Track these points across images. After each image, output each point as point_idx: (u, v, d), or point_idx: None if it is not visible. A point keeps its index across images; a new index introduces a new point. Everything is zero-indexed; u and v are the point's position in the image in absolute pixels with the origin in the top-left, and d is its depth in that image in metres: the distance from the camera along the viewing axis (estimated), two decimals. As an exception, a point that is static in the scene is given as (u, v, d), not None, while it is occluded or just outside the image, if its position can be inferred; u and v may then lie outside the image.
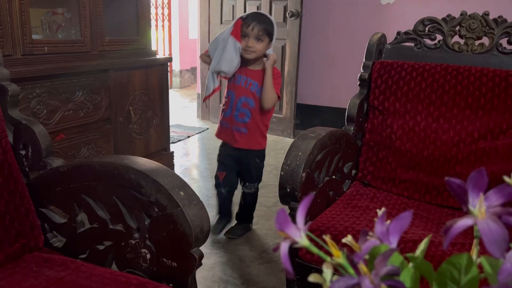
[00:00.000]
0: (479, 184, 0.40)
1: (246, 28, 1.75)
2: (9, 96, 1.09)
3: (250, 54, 1.78)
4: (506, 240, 0.36)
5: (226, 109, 1.89)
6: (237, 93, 1.84)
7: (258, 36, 1.76)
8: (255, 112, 1.85)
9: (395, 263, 0.42)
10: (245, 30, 1.75)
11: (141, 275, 0.95)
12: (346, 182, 1.51)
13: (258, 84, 1.83)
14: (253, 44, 1.77)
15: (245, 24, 1.75)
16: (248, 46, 1.76)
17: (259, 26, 1.75)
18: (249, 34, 1.76)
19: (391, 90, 1.52)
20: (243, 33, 1.75)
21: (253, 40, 1.76)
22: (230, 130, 1.88)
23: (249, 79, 1.83)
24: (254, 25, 1.74)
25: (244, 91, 1.84)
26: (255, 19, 1.76)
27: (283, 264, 0.43)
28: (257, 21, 1.75)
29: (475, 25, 1.47)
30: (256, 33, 1.76)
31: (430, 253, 1.05)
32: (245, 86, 1.83)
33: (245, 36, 1.76)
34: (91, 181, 0.98)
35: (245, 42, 1.76)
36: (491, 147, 1.36)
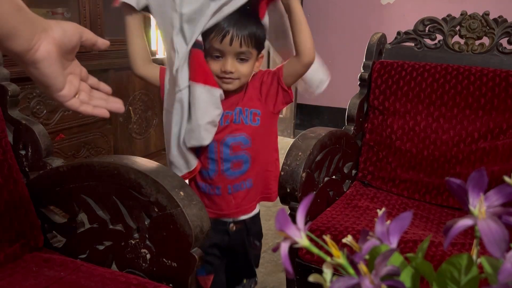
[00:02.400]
0: (479, 184, 0.40)
1: (220, 42, 1.00)
2: (9, 96, 1.09)
3: (231, 83, 1.05)
4: (506, 240, 0.36)
5: (205, 165, 1.13)
6: (218, 136, 1.10)
7: (240, 53, 1.02)
8: (257, 143, 1.13)
9: (395, 263, 0.42)
10: (216, 46, 1.01)
11: (141, 275, 0.95)
12: (346, 182, 1.51)
13: (259, 112, 1.12)
14: (234, 67, 1.03)
15: (215, 36, 1.00)
16: (225, 72, 1.03)
17: (240, 34, 1.00)
18: (225, 52, 1.02)
19: (391, 90, 1.52)
20: (213, 52, 1.03)
21: (233, 60, 1.03)
22: (222, 197, 1.14)
23: (236, 110, 1.11)
24: (231, 36, 1.00)
25: (228, 129, 1.11)
26: (230, 24, 1.00)
27: (283, 264, 0.43)
28: (236, 27, 1.00)
29: (475, 25, 1.47)
30: (237, 49, 1.01)
31: (430, 253, 1.05)
32: (231, 121, 1.11)
33: (218, 55, 1.03)
34: (91, 181, 0.98)
35: (218, 65, 1.03)
36: (491, 147, 1.36)
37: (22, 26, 0.55)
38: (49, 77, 0.59)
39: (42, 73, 0.58)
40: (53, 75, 0.59)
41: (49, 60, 0.58)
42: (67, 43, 0.60)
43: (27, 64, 0.58)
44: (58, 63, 0.59)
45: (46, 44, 0.57)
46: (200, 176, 1.15)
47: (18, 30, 0.55)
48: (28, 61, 0.57)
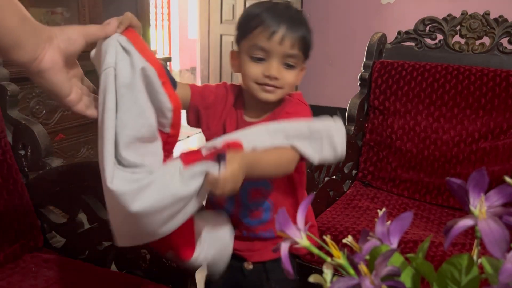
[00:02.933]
0: (480, 184, 0.40)
1: (267, 39, 0.81)
2: (8, 96, 1.09)
3: (273, 93, 0.84)
4: (506, 241, 0.36)
5: (220, 202, 0.92)
6: None
7: (289, 56, 0.83)
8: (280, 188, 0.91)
9: (396, 263, 0.42)
10: (262, 44, 0.82)
11: (140, 275, 0.95)
12: (346, 182, 1.50)
13: None
14: (280, 72, 0.83)
15: (262, 32, 0.81)
16: (269, 77, 0.83)
17: (293, 33, 0.82)
18: (272, 53, 0.82)
19: (392, 90, 1.51)
20: (254, 51, 0.83)
21: (278, 64, 0.83)
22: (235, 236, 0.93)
23: None
24: (283, 33, 0.81)
25: None
26: (281, 20, 0.81)
27: (283, 264, 0.43)
28: (288, 25, 0.81)
29: (476, 24, 1.47)
30: (287, 50, 0.82)
31: (431, 254, 1.05)
32: None
33: (261, 57, 0.83)
34: (91, 181, 0.98)
35: (260, 69, 0.83)
36: (491, 147, 1.36)
37: (26, 36, 0.55)
38: (56, 85, 0.60)
39: (49, 81, 0.59)
40: (60, 83, 0.60)
41: (55, 69, 0.58)
42: (71, 49, 0.60)
43: (33, 74, 0.58)
44: (64, 70, 0.60)
45: (51, 53, 0.57)
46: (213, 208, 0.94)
47: (22, 40, 0.55)
48: (33, 71, 0.58)
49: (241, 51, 0.85)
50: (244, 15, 0.86)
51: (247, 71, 0.84)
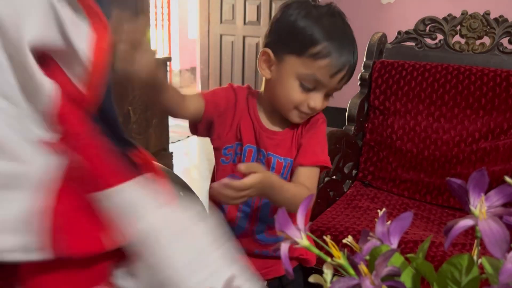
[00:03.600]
0: (480, 184, 0.40)
1: (329, 77, 0.77)
2: (8, 96, 1.08)
3: (304, 119, 0.84)
4: (507, 241, 0.36)
5: (232, 219, 0.88)
6: None
7: (336, 89, 0.82)
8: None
9: (396, 263, 0.42)
10: (320, 78, 0.77)
11: (140, 275, 0.95)
12: (346, 182, 1.50)
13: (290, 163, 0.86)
14: (320, 106, 0.81)
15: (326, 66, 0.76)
16: (313, 109, 0.81)
17: (351, 70, 0.80)
18: (325, 87, 0.79)
19: (392, 89, 1.51)
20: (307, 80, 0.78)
21: (323, 97, 0.81)
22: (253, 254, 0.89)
23: (274, 156, 0.85)
24: (345, 73, 0.78)
25: None
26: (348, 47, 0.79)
27: (283, 264, 0.43)
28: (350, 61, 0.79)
29: (476, 24, 1.47)
30: (339, 86, 0.81)
31: (431, 254, 1.05)
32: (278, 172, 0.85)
33: (312, 87, 0.78)
34: (91, 181, 0.98)
35: (304, 98, 0.79)
36: (492, 147, 1.36)
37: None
38: None
39: None
40: None
41: None
42: None
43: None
44: None
45: None
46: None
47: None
48: None
49: (284, 64, 0.78)
50: (298, 27, 0.76)
51: (291, 95, 0.78)
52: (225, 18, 4.07)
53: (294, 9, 0.78)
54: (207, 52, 4.28)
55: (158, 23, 5.93)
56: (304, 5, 0.78)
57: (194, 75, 6.43)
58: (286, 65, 0.78)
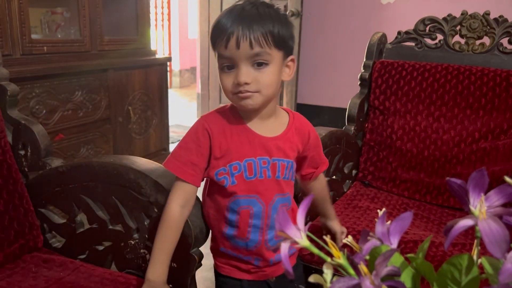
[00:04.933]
0: (480, 184, 0.40)
1: (225, 47, 0.79)
2: (8, 96, 1.09)
3: (250, 98, 0.80)
4: (507, 241, 0.36)
5: (244, 234, 0.88)
6: (266, 198, 0.87)
7: (254, 55, 0.78)
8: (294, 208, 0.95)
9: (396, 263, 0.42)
10: (223, 53, 0.80)
11: (140, 275, 0.95)
12: (346, 182, 1.50)
13: (291, 165, 0.90)
14: (249, 76, 0.79)
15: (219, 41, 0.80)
16: (239, 84, 0.79)
17: (248, 33, 0.77)
18: (236, 59, 0.79)
19: (392, 89, 1.51)
20: (222, 63, 0.81)
21: (247, 68, 0.79)
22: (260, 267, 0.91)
23: (279, 160, 0.87)
24: (237, 36, 0.77)
25: (276, 187, 0.88)
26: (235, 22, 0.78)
27: (283, 264, 0.42)
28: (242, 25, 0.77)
29: (476, 24, 1.47)
30: (248, 51, 0.78)
31: (431, 254, 1.05)
32: (274, 176, 0.87)
33: (229, 65, 0.80)
34: (91, 181, 0.98)
35: (231, 79, 0.80)
36: (492, 147, 1.36)
37: None
38: None
39: None
40: None
41: None
42: None
43: None
44: None
45: None
46: (232, 245, 0.89)
47: None
48: None
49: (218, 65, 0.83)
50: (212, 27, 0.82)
51: (222, 84, 0.82)
52: (225, 18, 4.08)
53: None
54: (207, 52, 4.28)
55: (158, 23, 5.93)
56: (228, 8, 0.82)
57: (194, 75, 6.42)
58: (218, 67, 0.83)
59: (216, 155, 0.84)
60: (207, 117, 0.87)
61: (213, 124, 0.85)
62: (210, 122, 0.85)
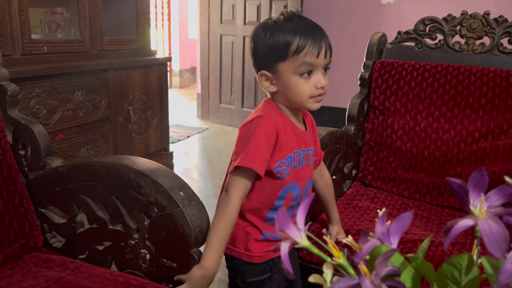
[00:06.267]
0: (480, 184, 0.40)
1: (316, 57, 0.89)
2: (8, 96, 1.09)
3: (320, 101, 0.95)
4: (507, 241, 0.36)
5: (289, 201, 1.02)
6: (303, 182, 1.00)
7: (327, 64, 0.93)
8: None
9: (396, 263, 0.42)
10: (311, 61, 0.89)
11: (140, 275, 0.95)
12: (346, 182, 1.50)
13: (312, 152, 1.04)
14: (326, 81, 0.93)
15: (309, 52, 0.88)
16: (323, 87, 0.92)
17: (328, 43, 0.92)
18: (318, 66, 0.90)
19: (392, 89, 1.51)
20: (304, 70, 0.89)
21: (323, 73, 0.92)
22: None
23: (309, 150, 1.02)
24: (325, 47, 0.90)
25: (309, 172, 1.03)
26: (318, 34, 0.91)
27: (283, 264, 0.42)
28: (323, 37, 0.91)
29: (476, 24, 1.47)
30: (328, 60, 0.92)
31: (430, 253, 1.05)
32: (308, 163, 1.01)
33: (308, 71, 0.90)
34: (91, 181, 0.98)
35: (310, 83, 0.91)
36: (492, 147, 1.36)
37: None
38: None
39: None
40: None
41: None
42: None
43: None
44: None
45: None
46: (270, 226, 0.99)
47: None
48: None
49: (281, 73, 0.91)
50: (275, 40, 0.90)
51: (300, 89, 0.91)
52: (225, 18, 4.07)
53: (261, 32, 0.92)
54: (207, 52, 4.28)
55: (158, 23, 5.93)
56: (266, 25, 0.93)
57: (194, 75, 6.42)
58: (282, 72, 0.91)
59: (278, 149, 0.93)
60: (271, 117, 0.94)
61: (277, 122, 0.93)
62: (275, 121, 0.93)
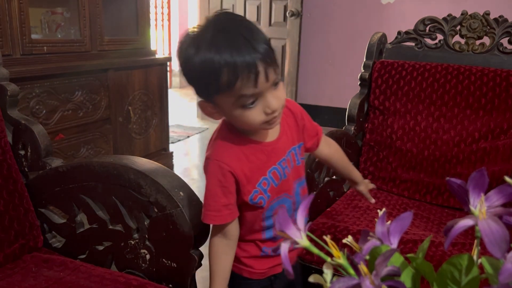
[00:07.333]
0: (480, 184, 0.40)
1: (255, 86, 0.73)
2: (8, 96, 1.09)
3: (277, 120, 0.80)
4: (507, 241, 0.36)
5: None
6: (291, 189, 0.91)
7: (274, 80, 0.75)
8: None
9: (396, 263, 0.42)
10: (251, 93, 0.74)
11: (140, 275, 0.95)
12: (346, 182, 1.50)
13: (298, 148, 0.93)
14: (277, 100, 0.77)
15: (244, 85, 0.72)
16: (274, 112, 0.77)
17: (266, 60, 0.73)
18: (260, 92, 0.74)
19: (392, 89, 1.51)
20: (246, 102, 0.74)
21: (271, 93, 0.76)
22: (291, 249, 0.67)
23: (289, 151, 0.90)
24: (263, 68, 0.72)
25: (295, 174, 0.92)
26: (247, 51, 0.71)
27: (283, 264, 0.43)
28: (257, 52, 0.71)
29: (476, 24, 1.47)
30: (272, 79, 0.75)
31: (430, 253, 1.05)
32: (292, 165, 0.90)
33: (250, 102, 0.75)
34: (91, 181, 0.98)
35: (258, 111, 0.76)
36: (492, 147, 1.36)
37: None
38: None
39: None
40: None
41: None
42: None
43: None
44: None
45: None
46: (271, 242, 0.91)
47: None
48: None
49: (220, 105, 0.77)
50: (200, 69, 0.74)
51: (248, 120, 0.76)
52: (225, 18, 4.08)
53: (186, 48, 0.76)
54: (207, 52, 4.28)
55: (158, 23, 5.93)
56: (192, 38, 0.76)
57: (194, 75, 6.41)
58: (221, 104, 0.77)
59: (244, 183, 0.83)
60: (220, 156, 0.82)
61: (229, 159, 0.81)
62: (226, 159, 0.81)
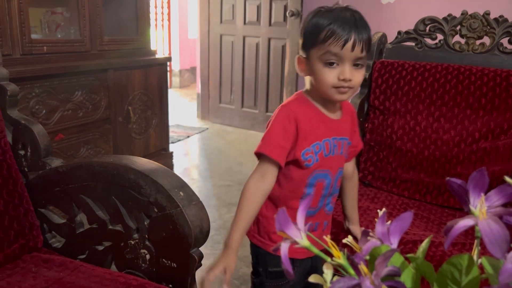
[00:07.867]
0: (480, 184, 0.40)
1: (341, 48, 0.88)
2: (8, 96, 1.09)
3: (346, 93, 0.93)
4: (507, 241, 0.36)
5: (316, 203, 1.02)
6: (334, 170, 1.01)
7: (358, 58, 0.90)
8: None
9: (396, 263, 0.42)
10: (335, 51, 0.89)
11: (140, 275, 0.95)
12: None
13: (348, 142, 1.04)
14: (352, 74, 0.91)
15: (334, 42, 0.88)
16: (344, 80, 0.90)
17: (361, 38, 0.89)
18: (344, 59, 0.89)
19: (392, 89, 1.51)
20: (328, 58, 0.90)
21: (350, 67, 0.90)
22: (317, 233, 1.04)
23: (342, 138, 1.01)
24: (354, 41, 0.88)
25: (340, 161, 1.03)
26: (351, 27, 0.89)
27: (283, 264, 0.42)
28: (357, 31, 0.89)
29: (476, 24, 1.47)
30: (358, 54, 0.90)
31: (430, 253, 1.05)
32: (340, 152, 1.01)
33: (335, 61, 0.90)
34: (90, 181, 0.98)
35: (334, 73, 0.90)
36: (492, 147, 1.36)
37: None
38: None
39: None
40: None
41: None
42: None
43: None
44: None
45: None
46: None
47: None
48: None
49: (311, 58, 0.93)
50: (311, 25, 0.92)
51: (323, 77, 0.92)
52: (225, 18, 4.07)
53: (307, 16, 0.94)
54: (207, 52, 4.28)
55: (158, 23, 5.93)
56: (315, 10, 0.94)
57: (194, 75, 6.42)
58: (311, 57, 0.92)
59: (302, 137, 0.94)
60: (291, 105, 0.97)
61: (298, 110, 0.95)
62: (295, 109, 0.95)
